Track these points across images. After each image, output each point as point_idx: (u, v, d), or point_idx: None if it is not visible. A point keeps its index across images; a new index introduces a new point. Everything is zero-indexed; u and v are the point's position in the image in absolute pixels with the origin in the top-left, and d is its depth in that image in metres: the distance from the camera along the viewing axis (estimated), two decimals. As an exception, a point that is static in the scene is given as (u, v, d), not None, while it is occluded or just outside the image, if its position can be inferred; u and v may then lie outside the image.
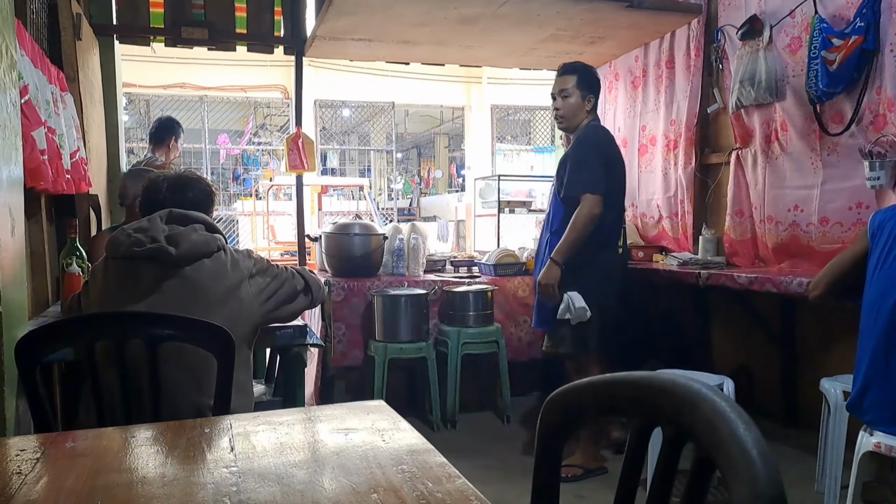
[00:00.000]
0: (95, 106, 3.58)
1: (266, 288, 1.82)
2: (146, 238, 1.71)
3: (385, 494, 0.85)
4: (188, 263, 1.71)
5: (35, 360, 1.46)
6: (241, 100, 10.35)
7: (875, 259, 1.98)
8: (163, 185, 1.88)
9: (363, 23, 3.54)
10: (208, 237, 1.76)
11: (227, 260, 1.77)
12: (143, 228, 1.74)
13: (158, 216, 1.78)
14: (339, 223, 4.00)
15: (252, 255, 1.86)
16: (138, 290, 1.68)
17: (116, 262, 1.75)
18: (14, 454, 1.02)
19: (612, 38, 3.91)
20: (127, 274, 1.72)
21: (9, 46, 1.59)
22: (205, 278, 1.71)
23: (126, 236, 1.73)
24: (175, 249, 1.69)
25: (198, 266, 1.72)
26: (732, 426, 0.65)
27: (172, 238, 1.71)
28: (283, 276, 1.89)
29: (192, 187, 1.90)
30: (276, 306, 1.86)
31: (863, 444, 2.01)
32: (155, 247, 1.69)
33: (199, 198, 1.89)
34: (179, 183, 1.89)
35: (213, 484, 0.89)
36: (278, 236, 8.72)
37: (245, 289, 1.76)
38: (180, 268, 1.70)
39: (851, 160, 2.88)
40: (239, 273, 1.77)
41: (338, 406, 1.29)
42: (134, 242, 1.71)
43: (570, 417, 0.91)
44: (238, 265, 1.78)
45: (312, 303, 2.01)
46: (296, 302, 1.93)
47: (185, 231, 1.74)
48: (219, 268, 1.74)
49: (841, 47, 2.82)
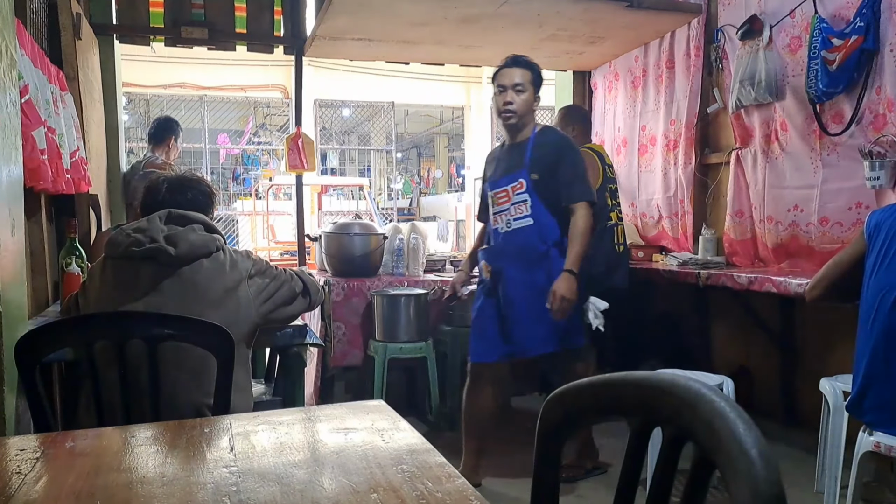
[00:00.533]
0: (95, 105, 3.58)
1: (265, 289, 1.83)
2: (145, 238, 1.71)
3: (385, 494, 0.85)
4: (187, 263, 1.71)
5: (35, 359, 1.46)
6: (240, 99, 10.37)
7: (872, 259, 1.98)
8: (163, 185, 1.88)
9: (363, 22, 3.54)
10: (207, 237, 1.76)
11: (226, 260, 1.77)
12: (141, 228, 1.74)
13: (157, 216, 1.78)
14: (339, 223, 4.00)
15: (251, 256, 1.86)
16: (137, 289, 1.68)
17: (115, 262, 1.75)
18: (14, 454, 1.02)
19: (611, 38, 3.91)
20: (125, 274, 1.72)
21: (9, 46, 1.59)
22: (203, 278, 1.71)
23: (125, 236, 1.73)
24: (174, 249, 1.69)
25: (196, 266, 1.72)
26: (732, 426, 0.65)
27: (171, 238, 1.71)
28: (281, 277, 1.89)
29: (192, 188, 1.90)
30: (274, 307, 1.86)
31: (862, 444, 2.01)
32: (154, 247, 1.69)
33: (199, 199, 1.89)
34: (179, 184, 1.89)
35: (213, 484, 0.89)
36: (278, 236, 8.73)
37: (244, 289, 1.76)
38: (179, 268, 1.70)
39: (851, 160, 2.88)
40: (237, 274, 1.77)
41: (337, 406, 1.29)
42: (133, 242, 1.71)
43: (570, 417, 0.91)
44: (237, 266, 1.78)
45: (310, 306, 2.01)
46: (294, 304, 1.94)
47: (184, 231, 1.74)
48: (217, 268, 1.74)
49: (841, 47, 2.82)
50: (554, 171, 2.71)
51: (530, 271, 2.70)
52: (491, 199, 2.85)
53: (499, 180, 2.82)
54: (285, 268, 1.96)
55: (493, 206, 2.83)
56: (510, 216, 2.76)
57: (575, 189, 2.71)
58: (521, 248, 2.73)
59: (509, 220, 2.76)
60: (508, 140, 2.86)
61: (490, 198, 2.85)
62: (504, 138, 2.93)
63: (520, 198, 2.74)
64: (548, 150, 2.73)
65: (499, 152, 2.95)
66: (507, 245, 2.76)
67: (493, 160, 2.96)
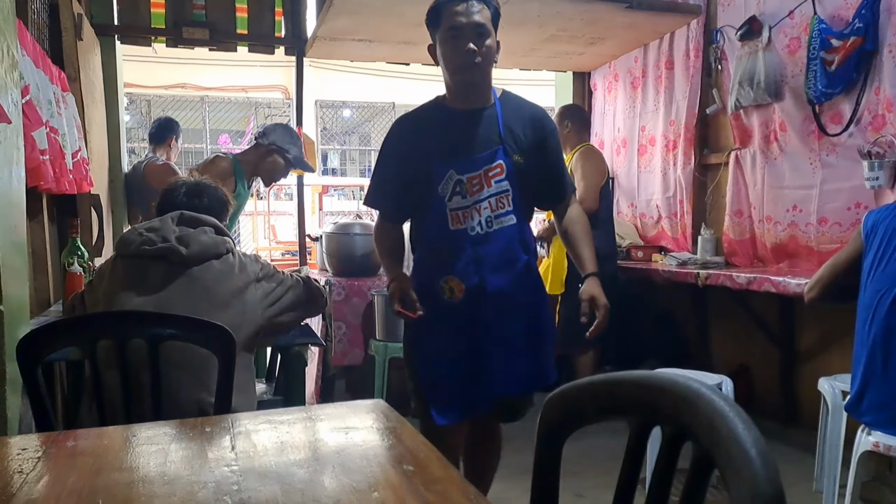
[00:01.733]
0: (97, 106, 3.58)
1: (271, 293, 1.85)
2: (157, 237, 1.74)
3: (385, 493, 0.85)
4: (197, 264, 1.73)
5: (37, 359, 1.46)
6: (241, 100, 10.36)
7: (870, 260, 1.98)
8: (181, 189, 1.92)
9: (364, 23, 3.55)
10: (218, 239, 1.80)
11: (235, 263, 1.80)
12: (154, 228, 1.78)
13: (170, 217, 1.81)
14: (340, 223, 4.01)
15: (259, 260, 1.90)
16: (146, 287, 1.70)
17: (125, 261, 1.77)
18: (15, 453, 1.02)
19: (611, 39, 3.91)
20: (135, 272, 1.74)
21: (10, 46, 1.60)
22: (212, 279, 1.73)
23: (137, 235, 1.77)
24: (185, 249, 1.72)
25: (206, 266, 1.74)
26: (731, 425, 0.65)
27: (183, 239, 1.75)
28: (287, 282, 1.92)
29: (209, 194, 1.94)
30: (279, 312, 1.88)
31: (861, 444, 2.01)
32: (165, 246, 1.72)
33: (214, 204, 1.93)
34: (197, 189, 1.93)
35: (215, 483, 0.89)
36: (279, 236, 8.74)
37: (251, 292, 1.79)
38: (189, 268, 1.73)
39: (850, 160, 2.89)
40: (245, 276, 1.80)
41: (338, 405, 1.30)
42: (145, 241, 1.74)
43: (570, 417, 0.91)
44: (245, 269, 1.81)
45: (314, 312, 2.05)
46: (298, 310, 1.96)
47: (195, 233, 1.77)
48: (226, 270, 1.77)
49: (840, 48, 2.82)
50: (541, 154, 2.03)
51: (517, 288, 2.01)
52: (450, 185, 1.97)
53: (470, 159, 1.97)
54: (291, 273, 1.99)
55: (454, 197, 1.97)
56: (490, 211, 1.97)
57: (566, 177, 2.18)
58: (505, 256, 2.00)
59: (489, 218, 1.97)
60: (458, 103, 2.02)
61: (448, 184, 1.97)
62: (442, 101, 2.06)
63: (500, 187, 1.97)
64: (525, 125, 2.03)
65: (442, 119, 2.02)
66: (488, 252, 1.98)
67: (427, 128, 2.02)
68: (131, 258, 1.76)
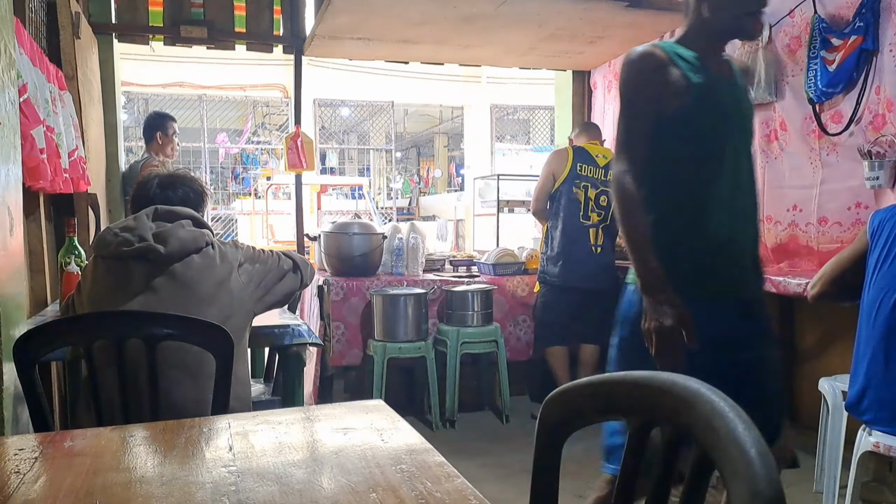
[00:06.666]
0: (94, 105, 3.58)
1: (255, 275, 1.82)
2: (134, 237, 1.70)
3: (384, 494, 0.85)
4: (177, 260, 1.70)
5: (33, 358, 1.46)
6: (240, 99, 10.37)
7: (875, 259, 1.98)
8: (153, 182, 1.87)
9: (362, 22, 3.54)
10: (196, 233, 1.75)
11: (216, 254, 1.76)
12: (129, 227, 1.73)
13: (145, 214, 1.76)
14: (339, 222, 4.00)
15: (238, 246, 1.86)
16: (130, 289, 1.67)
17: (105, 262, 1.73)
18: (12, 453, 1.02)
19: (611, 38, 3.91)
20: (117, 273, 1.70)
21: (7, 45, 1.59)
22: (195, 274, 1.71)
23: (113, 235, 1.72)
24: (164, 247, 1.68)
25: (187, 262, 1.71)
26: (731, 426, 0.65)
27: (160, 236, 1.70)
28: (269, 260, 1.89)
29: (184, 185, 1.89)
30: (266, 291, 1.86)
31: (861, 444, 2.01)
32: (143, 245, 1.68)
33: (189, 196, 1.88)
34: (170, 181, 1.88)
35: (212, 483, 0.89)
36: (277, 235, 8.73)
37: (235, 279, 1.76)
38: (170, 265, 1.69)
39: (850, 160, 2.88)
40: (228, 265, 1.76)
41: (337, 405, 1.30)
42: (122, 242, 1.69)
43: (570, 417, 0.91)
44: (226, 257, 1.78)
45: (303, 281, 2.01)
46: (284, 281, 1.92)
47: (173, 228, 1.73)
48: (208, 262, 1.74)
49: (840, 47, 2.82)
50: None
51: None
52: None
53: None
54: (272, 250, 1.97)
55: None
56: None
57: None
58: None
59: None
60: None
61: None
62: None
63: None
64: None
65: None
66: None
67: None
68: (112, 259, 1.72)
